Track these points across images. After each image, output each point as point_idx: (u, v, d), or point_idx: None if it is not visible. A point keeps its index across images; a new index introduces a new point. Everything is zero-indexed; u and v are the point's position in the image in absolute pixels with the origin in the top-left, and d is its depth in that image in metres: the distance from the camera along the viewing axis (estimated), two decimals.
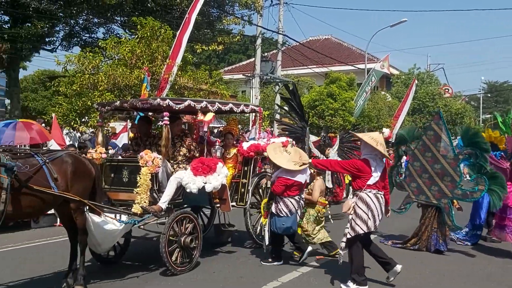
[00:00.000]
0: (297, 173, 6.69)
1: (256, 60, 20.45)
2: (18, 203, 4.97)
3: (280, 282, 6.14)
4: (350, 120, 21.30)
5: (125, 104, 6.97)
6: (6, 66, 17.27)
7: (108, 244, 6.30)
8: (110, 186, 6.77)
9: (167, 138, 6.54)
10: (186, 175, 6.54)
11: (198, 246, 6.62)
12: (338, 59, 29.70)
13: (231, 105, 7.65)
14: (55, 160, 5.43)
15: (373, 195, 5.81)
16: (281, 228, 6.71)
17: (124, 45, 12.52)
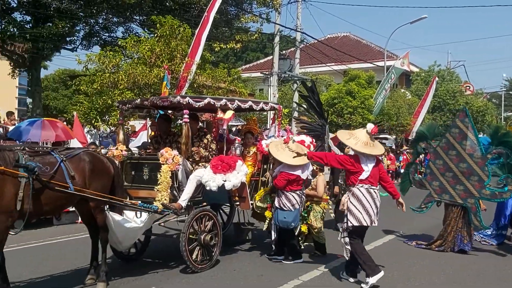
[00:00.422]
0: (298, 168, 6.76)
1: (274, 58, 20.36)
2: (37, 202, 4.98)
3: (301, 281, 6.09)
4: (369, 118, 21.06)
5: (146, 102, 6.99)
6: (28, 65, 17.53)
7: (129, 241, 6.35)
8: (131, 184, 6.81)
9: (187, 136, 6.56)
10: (206, 173, 6.56)
11: (218, 244, 6.64)
12: (357, 57, 29.39)
13: (250, 102, 7.63)
14: (73, 158, 5.43)
15: (365, 190, 5.90)
16: (282, 221, 6.78)
17: (143, 44, 12.60)
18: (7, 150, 4.94)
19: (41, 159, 5.11)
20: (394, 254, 7.72)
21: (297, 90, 20.38)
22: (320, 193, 7.31)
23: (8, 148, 5.05)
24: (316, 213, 7.26)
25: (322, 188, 7.32)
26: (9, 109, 17.85)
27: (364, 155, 5.97)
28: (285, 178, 6.74)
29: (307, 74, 25.04)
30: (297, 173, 6.77)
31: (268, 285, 5.85)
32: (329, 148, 8.28)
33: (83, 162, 5.49)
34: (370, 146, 6.01)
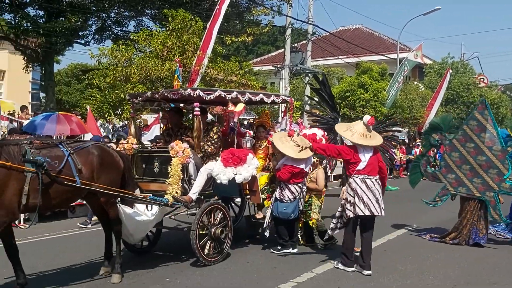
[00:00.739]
0: (302, 162, 6.77)
1: (286, 51, 20.29)
2: (45, 196, 4.92)
3: (314, 273, 6.09)
4: (382, 111, 20.93)
5: (156, 95, 6.98)
6: (41, 60, 17.67)
7: (140, 234, 6.37)
8: (142, 177, 6.80)
9: (199, 129, 6.53)
10: (217, 166, 6.53)
11: (229, 237, 6.62)
12: (369, 49, 29.13)
13: (261, 95, 7.57)
14: (81, 151, 5.35)
15: (360, 180, 6.08)
16: (282, 213, 6.81)
17: (155, 38, 12.61)
18: (13, 145, 4.88)
19: (48, 152, 5.05)
20: (407, 247, 7.68)
21: (308, 83, 20.29)
22: (321, 186, 7.37)
23: (13, 143, 4.99)
24: (314, 207, 7.32)
25: (322, 181, 7.39)
26: (22, 103, 18.04)
27: (362, 146, 6.15)
28: (289, 171, 6.74)
29: (319, 67, 24.92)
30: (301, 167, 6.79)
31: (281, 278, 5.84)
32: (342, 141, 8.24)
33: (91, 155, 5.41)
34: (366, 138, 6.19)
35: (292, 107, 8.38)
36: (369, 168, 6.09)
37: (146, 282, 5.67)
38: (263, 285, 5.57)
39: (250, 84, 14.39)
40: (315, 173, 7.38)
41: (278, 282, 5.66)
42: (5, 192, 4.62)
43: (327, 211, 8.50)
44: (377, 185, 6.15)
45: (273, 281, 5.70)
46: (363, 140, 6.15)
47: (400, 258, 6.96)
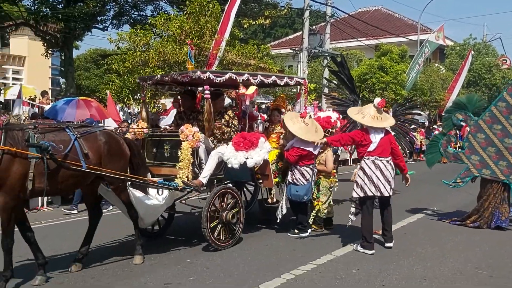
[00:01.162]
0: (311, 144, 6.72)
1: (304, 34, 20.09)
2: (51, 180, 4.89)
3: (334, 256, 6.10)
4: (402, 94, 20.66)
5: (166, 78, 6.89)
6: (60, 45, 17.83)
7: (151, 218, 6.31)
8: (153, 161, 6.75)
9: (209, 112, 6.42)
10: (228, 150, 6.44)
11: (241, 222, 6.55)
12: (389, 31, 28.69)
13: (274, 77, 7.40)
14: (89, 136, 5.29)
15: (371, 161, 6.22)
16: (294, 195, 6.81)
17: (173, 22, 12.60)
18: (17, 130, 4.84)
19: (54, 136, 5.00)
20: (427, 230, 7.63)
21: (327, 66, 20.10)
22: (330, 168, 7.39)
23: (18, 127, 4.94)
24: (322, 188, 7.36)
25: (331, 163, 7.42)
26: (43, 89, 18.26)
27: (373, 127, 6.26)
28: (297, 154, 6.71)
29: (337, 50, 24.62)
30: (309, 149, 6.74)
31: (301, 260, 5.87)
32: (361, 124, 8.15)
33: (99, 141, 5.35)
34: (377, 120, 6.30)
35: (306, 89, 8.19)
36: (380, 149, 6.21)
37: (168, 263, 5.75)
38: (282, 267, 5.60)
39: (268, 68, 14.32)
40: (324, 155, 7.37)
41: (298, 264, 5.69)
42: (10, 176, 4.62)
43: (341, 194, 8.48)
44: (389, 166, 6.26)
45: (292, 263, 5.73)
46: (375, 122, 6.28)
47: (420, 241, 6.92)
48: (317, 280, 5.21)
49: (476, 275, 5.49)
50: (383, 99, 6.58)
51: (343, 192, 8.93)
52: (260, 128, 7.01)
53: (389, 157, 6.28)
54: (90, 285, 5.06)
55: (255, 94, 6.91)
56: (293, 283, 5.11)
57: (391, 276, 5.39)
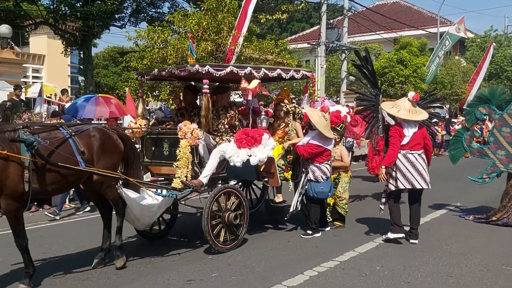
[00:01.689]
0: (327, 141, 6.66)
1: (321, 28, 19.93)
2: (43, 180, 4.79)
3: (357, 252, 6.02)
4: (422, 87, 20.36)
5: (163, 72, 6.57)
6: (79, 43, 18.00)
7: (147, 219, 5.96)
8: (152, 160, 6.52)
9: (207, 108, 6.09)
10: (230, 148, 6.14)
11: (245, 223, 6.28)
12: (408, 23, 28.30)
13: (279, 70, 7.01)
14: (82, 134, 5.21)
15: (402, 155, 6.34)
16: (319, 192, 6.67)
17: (190, 18, 12.58)
18: (8, 131, 4.72)
19: (48, 135, 4.92)
20: (451, 226, 7.50)
21: (350, 60, 19.90)
22: (347, 162, 7.33)
23: (10, 128, 4.80)
24: (344, 184, 7.27)
25: (347, 157, 7.36)
26: (62, 87, 18.46)
27: (407, 121, 6.37)
28: (312, 151, 6.55)
29: (355, 43, 24.41)
30: (326, 146, 6.62)
31: (323, 256, 5.81)
32: (383, 118, 8.02)
33: (92, 138, 5.26)
34: (412, 113, 6.41)
35: (314, 82, 7.80)
36: (412, 143, 6.32)
37: (190, 260, 5.75)
38: (305, 263, 5.55)
39: (285, 63, 14.23)
40: (338, 150, 7.27)
41: (321, 261, 5.63)
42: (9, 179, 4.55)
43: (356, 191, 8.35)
44: (420, 159, 6.35)
45: (315, 260, 5.68)
46: (410, 115, 6.38)
47: (444, 237, 6.80)
48: (340, 277, 5.14)
49: (503, 271, 5.36)
50: (417, 93, 6.68)
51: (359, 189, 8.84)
52: (263, 124, 6.65)
53: (421, 151, 6.38)
54: (113, 281, 5.08)
55: (257, 88, 6.56)
56: (317, 280, 5.06)
57: (416, 273, 5.29)
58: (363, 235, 6.83)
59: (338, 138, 7.30)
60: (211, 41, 12.18)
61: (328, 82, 23.97)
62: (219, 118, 6.54)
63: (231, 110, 6.62)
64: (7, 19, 16.40)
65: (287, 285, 4.89)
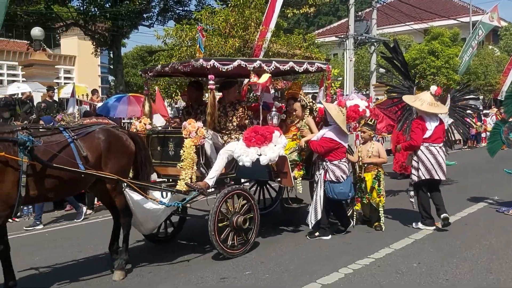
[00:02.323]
0: (345, 138, 6.38)
1: (350, 20, 19.65)
2: (41, 184, 4.54)
3: (392, 249, 5.89)
4: (454, 78, 19.82)
5: (166, 68, 6.23)
6: (109, 44, 18.27)
7: (151, 224, 5.67)
8: (160, 161, 6.21)
9: (213, 105, 5.76)
10: (238, 147, 5.81)
11: (255, 227, 5.91)
12: (439, 13, 27.64)
13: (291, 63, 6.60)
14: (86, 136, 4.92)
15: (425, 147, 6.61)
16: (339, 193, 6.28)
17: (218, 15, 12.57)
18: (6, 132, 4.46)
19: (49, 138, 4.67)
20: (489, 220, 7.27)
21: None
22: (386, 157, 7.07)
23: (8, 130, 4.53)
24: (382, 181, 6.92)
25: (384, 152, 7.10)
26: (93, 87, 18.80)
27: (429, 114, 6.62)
28: (326, 145, 6.23)
29: (384, 35, 23.97)
30: (341, 141, 6.27)
31: (357, 254, 5.70)
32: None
33: (97, 140, 4.97)
34: (434, 106, 6.65)
35: (330, 75, 7.26)
36: (434, 136, 6.60)
37: (223, 258, 5.70)
38: (339, 261, 5.46)
39: (314, 57, 14.07)
40: (375, 146, 6.93)
41: (355, 258, 5.53)
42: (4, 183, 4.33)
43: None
44: (441, 151, 6.68)
45: (349, 257, 5.58)
46: (432, 108, 6.62)
47: (482, 232, 6.59)
48: (377, 275, 5.03)
49: None
50: (439, 87, 6.87)
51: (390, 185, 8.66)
52: (274, 120, 6.27)
53: (442, 144, 6.69)
54: (147, 280, 5.11)
55: (268, 83, 6.20)
56: (352, 278, 4.97)
57: (455, 269, 5.14)
58: (398, 231, 6.68)
59: (372, 134, 7.05)
60: (238, 38, 12.14)
61: (357, 76, 23.65)
62: (226, 116, 6.25)
63: (239, 107, 6.30)
64: (39, 22, 16.77)
65: (322, 283, 4.82)
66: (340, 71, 17.30)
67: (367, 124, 6.92)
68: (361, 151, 6.95)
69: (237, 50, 12.25)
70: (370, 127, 6.96)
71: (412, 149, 6.77)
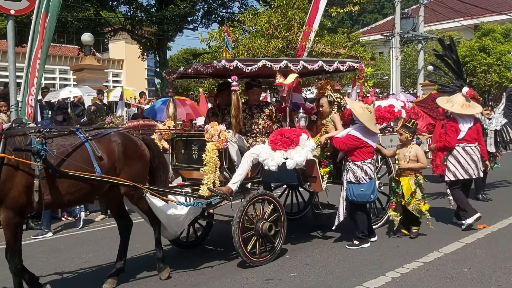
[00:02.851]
0: (373, 137, 6.04)
1: (396, 18, 19.26)
2: (55, 191, 4.34)
3: (442, 253, 5.71)
4: (507, 76, 19.08)
5: (189, 69, 6.02)
6: (155, 47, 18.73)
7: (175, 229, 5.49)
8: (183, 164, 6.09)
9: (237, 107, 5.58)
10: (264, 150, 5.61)
11: (282, 233, 5.69)
12: (490, 8, 26.54)
13: (320, 62, 6.30)
14: (102, 138, 4.74)
15: (461, 148, 6.73)
16: (359, 195, 5.96)
17: (261, 16, 12.61)
18: (19, 135, 4.30)
19: (63, 140, 4.51)
20: None
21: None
22: (425, 162, 6.45)
23: (20, 132, 4.35)
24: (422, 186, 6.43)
25: (424, 157, 6.51)
26: (140, 90, 19.31)
27: (462, 116, 6.69)
28: (349, 142, 5.96)
29: (432, 32, 23.31)
30: (365, 140, 5.96)
31: (405, 257, 5.57)
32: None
33: (113, 143, 4.78)
34: (466, 107, 6.69)
35: (363, 74, 6.90)
36: (468, 138, 6.70)
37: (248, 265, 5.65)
38: (386, 264, 5.35)
39: (359, 56, 13.86)
40: (413, 150, 6.37)
41: (403, 262, 5.40)
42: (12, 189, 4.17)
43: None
44: (476, 150, 6.78)
45: (397, 261, 5.46)
46: (463, 109, 6.68)
47: None
48: (425, 279, 4.89)
49: None
50: (471, 89, 6.89)
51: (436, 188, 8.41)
52: (302, 122, 5.95)
53: (476, 143, 6.78)
54: (194, 279, 5.18)
55: (294, 83, 5.92)
56: (399, 282, 4.85)
57: (508, 275, 4.93)
58: (448, 235, 6.47)
59: (410, 137, 6.41)
60: (281, 39, 12.12)
61: (403, 74, 23.11)
62: (252, 118, 6.05)
63: (266, 109, 6.09)
64: (88, 27, 17.40)
65: (368, 287, 4.74)
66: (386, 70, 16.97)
67: (405, 126, 6.43)
68: (398, 154, 6.47)
69: (280, 51, 12.24)
70: (407, 129, 6.37)
71: (446, 149, 6.90)
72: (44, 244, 6.92)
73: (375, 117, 6.33)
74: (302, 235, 6.65)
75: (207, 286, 4.95)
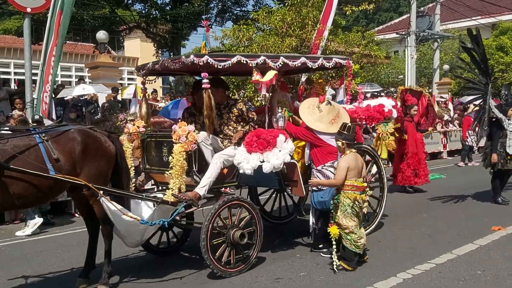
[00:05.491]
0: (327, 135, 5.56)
1: (411, 16, 19.04)
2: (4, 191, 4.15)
3: (455, 255, 5.63)
4: None
5: (157, 65, 5.58)
6: (169, 45, 18.81)
7: (135, 237, 5.09)
8: (153, 167, 5.74)
9: (209, 106, 5.17)
10: (239, 153, 5.25)
11: (257, 243, 5.29)
12: (508, 7, 26.14)
13: (303, 59, 5.78)
14: (58, 137, 4.49)
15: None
16: (319, 202, 5.61)
17: (275, 15, 12.58)
18: None
19: (18, 141, 4.30)
20: None
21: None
22: (338, 179, 5.22)
23: None
24: (343, 207, 5.22)
25: (341, 172, 5.20)
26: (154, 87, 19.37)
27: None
28: (300, 132, 5.61)
29: (448, 31, 23.04)
30: (323, 137, 5.55)
31: (418, 258, 5.50)
32: (490, 109, 7.42)
33: (71, 141, 4.53)
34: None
35: (350, 72, 6.49)
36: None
37: (277, 258, 5.71)
38: (398, 265, 5.29)
39: (373, 55, 13.76)
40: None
41: (415, 263, 5.33)
42: None
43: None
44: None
45: (409, 262, 5.39)
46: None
47: None
48: (437, 281, 4.83)
49: None
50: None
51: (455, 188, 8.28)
52: (280, 123, 5.53)
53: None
54: (204, 276, 5.17)
55: (273, 81, 5.46)
56: (411, 284, 4.80)
57: None
58: (462, 237, 6.37)
59: (343, 145, 5.28)
60: (295, 37, 12.09)
61: (419, 73, 22.87)
62: (222, 118, 5.64)
63: (234, 109, 5.62)
64: (104, 25, 17.53)
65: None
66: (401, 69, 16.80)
67: (338, 132, 5.34)
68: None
69: (294, 49, 12.20)
70: (340, 136, 5.29)
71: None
72: (57, 240, 6.98)
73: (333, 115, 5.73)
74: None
75: (216, 285, 4.95)
